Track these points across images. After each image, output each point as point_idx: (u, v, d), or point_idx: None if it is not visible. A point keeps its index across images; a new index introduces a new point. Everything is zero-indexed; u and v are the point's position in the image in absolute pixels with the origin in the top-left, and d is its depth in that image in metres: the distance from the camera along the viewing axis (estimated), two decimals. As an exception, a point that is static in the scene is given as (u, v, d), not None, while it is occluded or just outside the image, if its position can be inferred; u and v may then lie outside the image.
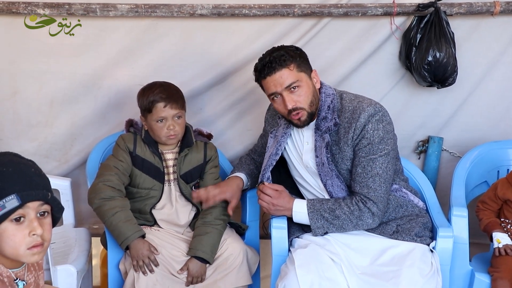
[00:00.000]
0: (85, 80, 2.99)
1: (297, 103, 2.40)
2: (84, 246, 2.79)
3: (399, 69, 3.08)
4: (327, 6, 2.90)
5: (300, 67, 2.41)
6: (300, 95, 2.40)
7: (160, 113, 2.58)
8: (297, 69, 2.40)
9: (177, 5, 2.86)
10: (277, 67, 2.38)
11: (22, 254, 1.62)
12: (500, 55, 3.06)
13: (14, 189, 1.58)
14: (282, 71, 2.38)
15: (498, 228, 2.63)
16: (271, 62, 2.39)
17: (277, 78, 2.39)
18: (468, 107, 3.14)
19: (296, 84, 2.39)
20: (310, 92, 2.43)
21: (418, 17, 2.92)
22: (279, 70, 2.38)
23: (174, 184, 2.71)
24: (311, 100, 2.43)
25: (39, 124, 3.05)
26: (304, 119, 2.45)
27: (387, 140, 2.42)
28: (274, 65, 2.38)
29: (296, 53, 2.43)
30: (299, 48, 2.49)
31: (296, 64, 2.40)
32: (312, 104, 2.43)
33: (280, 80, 2.38)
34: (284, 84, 2.38)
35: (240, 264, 2.58)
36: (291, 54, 2.40)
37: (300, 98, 2.41)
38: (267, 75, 2.40)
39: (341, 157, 2.46)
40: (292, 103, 2.39)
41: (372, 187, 2.40)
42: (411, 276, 2.29)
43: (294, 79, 2.38)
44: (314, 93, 2.45)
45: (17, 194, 1.58)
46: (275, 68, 2.38)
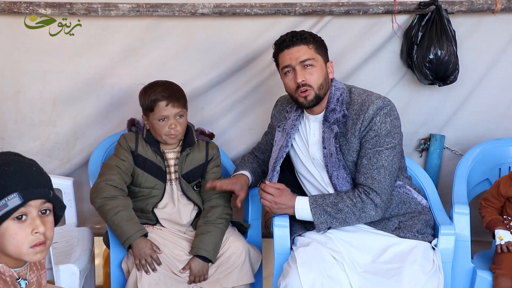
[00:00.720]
0: (88, 79, 3.00)
1: (307, 80, 2.45)
2: (87, 246, 2.79)
3: (401, 68, 3.08)
4: (328, 5, 2.90)
5: (318, 50, 2.49)
6: (312, 74, 2.46)
7: (162, 112, 2.59)
8: (315, 50, 2.48)
9: (179, 4, 2.86)
10: (297, 42, 2.46)
11: (25, 252, 1.62)
12: (502, 52, 3.06)
13: (16, 188, 1.58)
14: (301, 46, 2.46)
15: (500, 225, 2.63)
16: (292, 36, 2.49)
17: (294, 52, 2.46)
18: (469, 105, 3.14)
19: (311, 62, 2.45)
20: (322, 75, 2.48)
21: (419, 15, 2.92)
22: (298, 45, 2.46)
23: (175, 184, 2.71)
24: (321, 82, 2.47)
25: (42, 124, 3.06)
26: (311, 99, 2.48)
27: (394, 134, 2.43)
28: (295, 40, 2.47)
29: (318, 38, 2.53)
30: (321, 38, 2.57)
31: (315, 46, 2.48)
32: (321, 87, 2.47)
33: (296, 54, 2.46)
34: (300, 58, 2.45)
35: (243, 263, 2.58)
36: (314, 37, 2.52)
37: (311, 77, 2.46)
38: (285, 48, 2.48)
39: (347, 148, 2.47)
40: (302, 77, 2.44)
41: (377, 179, 2.41)
42: (413, 273, 2.29)
43: (310, 56, 2.46)
44: (326, 78, 2.50)
45: (19, 193, 1.58)
46: (294, 43, 2.47)
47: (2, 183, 1.58)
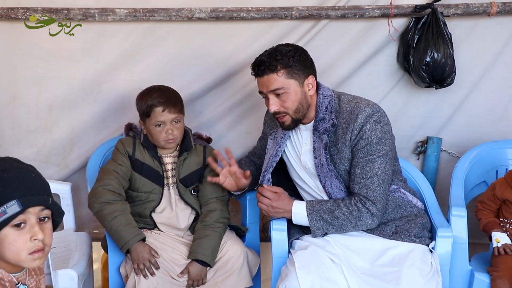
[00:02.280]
0: (84, 85, 2.99)
1: (280, 108, 2.44)
2: (85, 250, 2.79)
3: (398, 71, 3.09)
4: (324, 9, 2.91)
5: (290, 74, 2.42)
6: (285, 101, 2.43)
7: (159, 118, 2.59)
8: (286, 75, 2.41)
9: (175, 9, 2.87)
10: (266, 70, 2.42)
11: (24, 259, 1.62)
12: (498, 55, 3.06)
13: (15, 195, 1.58)
14: (270, 76, 2.42)
15: (497, 228, 2.63)
16: (260, 64, 2.43)
17: (265, 81, 2.44)
18: (466, 108, 3.15)
19: (282, 90, 2.42)
20: (297, 100, 2.44)
21: (415, 18, 2.93)
22: (267, 74, 2.42)
23: (173, 188, 2.71)
24: (297, 107, 2.44)
25: (38, 130, 3.06)
26: (288, 124, 2.48)
27: (385, 141, 2.42)
28: (263, 68, 2.42)
29: (291, 59, 2.41)
30: (298, 52, 2.46)
31: (286, 70, 2.41)
32: (298, 111, 2.45)
33: (267, 83, 2.43)
34: (270, 88, 2.43)
35: (241, 267, 2.59)
36: (285, 60, 2.41)
37: (285, 104, 2.44)
38: (257, 76, 2.47)
39: (339, 158, 2.46)
40: (274, 107, 2.44)
41: (371, 188, 2.40)
42: (412, 276, 2.30)
43: (280, 86, 2.41)
44: (302, 101, 2.45)
45: (18, 200, 1.58)
46: (264, 71, 2.43)
47: (0, 190, 1.58)
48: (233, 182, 2.69)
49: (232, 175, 2.68)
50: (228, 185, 2.69)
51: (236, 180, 2.69)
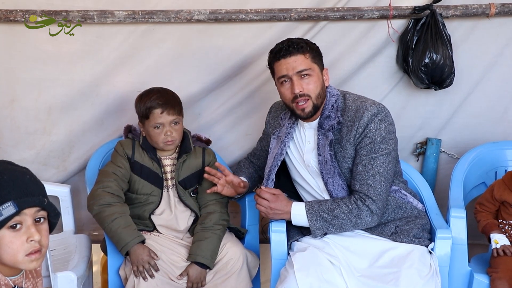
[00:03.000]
0: (83, 87, 2.99)
1: (304, 90, 2.44)
2: (84, 253, 2.79)
3: (397, 72, 3.09)
4: (323, 10, 2.91)
5: (314, 59, 2.48)
6: (309, 84, 2.45)
7: (157, 119, 2.59)
8: (311, 59, 2.46)
9: (174, 11, 2.87)
10: (294, 51, 2.44)
11: (21, 261, 1.62)
12: (497, 56, 3.07)
13: (10, 196, 1.59)
14: (298, 56, 2.44)
15: (495, 229, 2.64)
16: (289, 46, 2.46)
17: (291, 62, 2.44)
18: (465, 109, 3.15)
19: (308, 72, 2.44)
20: (320, 84, 2.47)
21: (414, 19, 2.93)
22: (295, 54, 2.44)
23: (172, 190, 2.71)
24: (319, 92, 2.47)
25: (37, 132, 3.06)
26: (309, 110, 2.47)
27: (389, 140, 2.43)
28: (291, 49, 2.44)
29: (314, 46, 2.51)
30: (316, 45, 2.55)
31: (311, 54, 2.47)
32: (319, 96, 2.47)
33: (293, 64, 2.44)
34: (297, 68, 2.43)
35: (240, 268, 2.59)
36: (310, 45, 2.49)
37: (309, 86, 2.45)
38: (282, 57, 2.46)
39: (342, 155, 2.47)
40: (299, 88, 2.44)
41: (372, 185, 2.41)
42: (410, 277, 2.30)
43: (307, 67, 2.44)
44: (322, 87, 2.49)
45: (13, 201, 1.58)
46: (291, 52, 2.44)
47: None
48: (232, 189, 2.69)
49: (229, 184, 2.68)
50: (227, 193, 2.69)
51: (234, 187, 2.69)
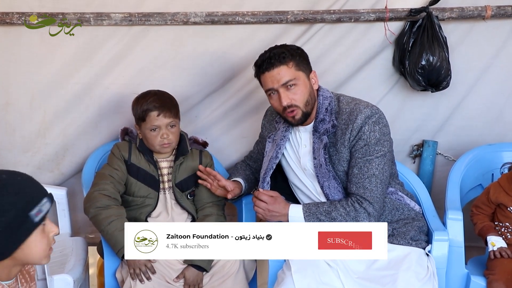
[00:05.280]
0: (77, 90, 2.98)
1: (292, 101, 2.43)
2: (81, 255, 2.79)
3: (393, 74, 3.10)
4: (320, 12, 2.91)
5: (298, 66, 2.44)
6: (296, 93, 2.43)
7: (154, 122, 2.59)
8: (295, 67, 2.43)
9: (171, 13, 2.86)
10: (276, 63, 2.41)
11: (46, 255, 1.69)
12: (493, 58, 3.07)
13: (42, 193, 1.66)
14: (280, 68, 2.41)
15: (492, 232, 2.64)
16: (270, 58, 2.43)
17: (275, 75, 2.42)
18: (462, 111, 3.16)
19: (293, 82, 2.42)
20: (307, 92, 2.45)
21: (411, 22, 2.94)
22: (278, 66, 2.41)
23: (169, 193, 2.71)
24: (307, 99, 2.45)
25: (32, 135, 3.05)
26: (298, 118, 2.47)
27: (384, 142, 2.43)
28: (273, 61, 2.42)
29: (296, 52, 2.46)
30: (300, 48, 2.52)
31: (295, 62, 2.43)
32: (307, 103, 2.46)
33: (277, 76, 2.42)
34: (281, 81, 2.42)
35: (237, 271, 2.58)
36: (292, 53, 2.44)
37: (296, 96, 2.43)
38: (266, 71, 2.44)
39: (337, 158, 2.47)
40: (287, 100, 2.42)
41: (368, 188, 2.41)
42: (408, 280, 2.30)
43: (291, 77, 2.42)
44: (310, 93, 2.47)
45: (48, 197, 1.67)
46: (273, 64, 2.42)
47: (28, 191, 1.63)
48: (225, 192, 2.69)
49: (222, 188, 2.67)
50: (221, 194, 2.69)
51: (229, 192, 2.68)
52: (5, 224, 1.58)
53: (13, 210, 1.59)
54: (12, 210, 1.58)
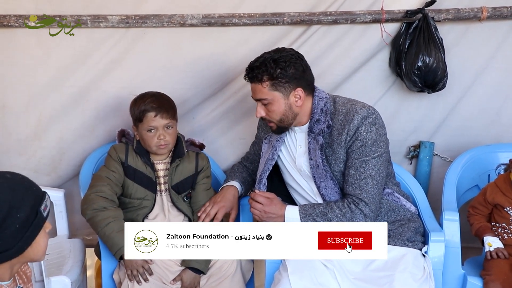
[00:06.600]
0: (73, 92, 2.98)
1: (266, 115, 2.49)
2: (78, 257, 2.79)
3: (390, 76, 3.10)
4: (316, 14, 2.92)
5: (275, 86, 2.42)
6: (270, 111, 2.47)
7: (151, 123, 2.59)
8: (270, 87, 2.43)
9: (168, 15, 2.87)
10: (252, 79, 2.46)
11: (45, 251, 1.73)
12: (489, 59, 3.08)
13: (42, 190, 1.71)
14: (256, 85, 2.46)
15: (489, 232, 2.64)
16: (252, 69, 2.46)
17: (252, 88, 2.49)
18: (458, 112, 3.16)
19: (266, 101, 2.45)
20: (280, 112, 2.46)
21: (407, 23, 2.94)
22: (254, 82, 2.46)
23: (165, 195, 2.71)
24: (281, 118, 2.47)
25: (28, 138, 3.04)
26: (274, 129, 2.53)
27: (380, 143, 2.44)
28: (250, 77, 2.47)
29: (281, 70, 2.40)
30: (293, 58, 2.45)
31: (271, 82, 2.42)
32: (282, 121, 2.48)
33: (254, 90, 2.49)
34: (255, 96, 2.48)
35: (234, 272, 2.58)
36: (270, 72, 2.40)
37: (270, 114, 2.48)
38: (248, 79, 2.50)
39: (334, 159, 2.47)
40: (260, 113, 2.49)
41: (365, 189, 2.41)
42: (404, 280, 2.30)
43: (263, 97, 2.45)
44: (286, 112, 2.47)
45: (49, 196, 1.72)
46: (251, 79, 2.47)
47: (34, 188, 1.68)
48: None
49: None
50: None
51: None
52: (21, 220, 1.61)
53: (27, 206, 1.62)
54: (26, 206, 1.62)
